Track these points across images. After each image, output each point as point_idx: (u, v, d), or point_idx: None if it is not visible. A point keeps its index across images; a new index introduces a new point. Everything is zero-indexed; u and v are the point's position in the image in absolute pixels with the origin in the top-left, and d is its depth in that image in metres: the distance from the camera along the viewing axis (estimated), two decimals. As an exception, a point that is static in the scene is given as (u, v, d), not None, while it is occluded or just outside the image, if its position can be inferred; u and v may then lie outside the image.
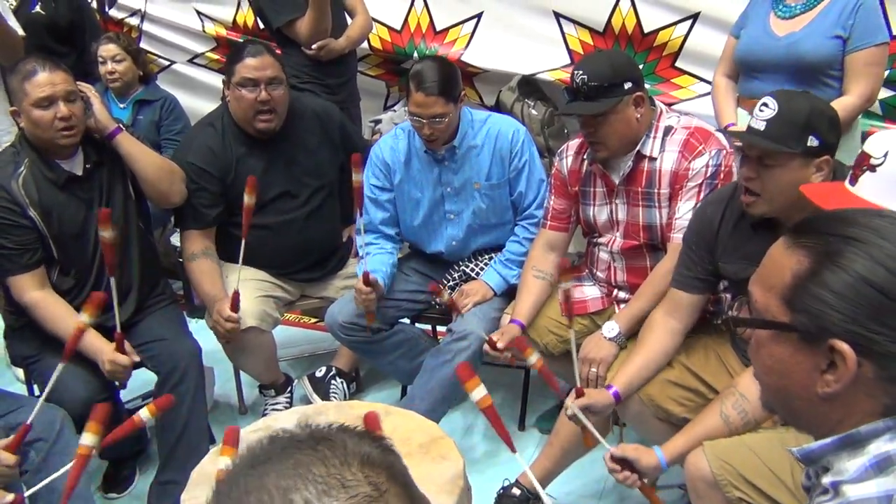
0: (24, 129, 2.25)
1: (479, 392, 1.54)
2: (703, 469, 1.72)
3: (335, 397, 2.87)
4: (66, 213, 2.28)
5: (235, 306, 2.43)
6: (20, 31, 2.93)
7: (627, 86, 2.08)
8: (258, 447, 0.71)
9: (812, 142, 1.70)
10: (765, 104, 1.74)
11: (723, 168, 2.10)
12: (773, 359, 0.97)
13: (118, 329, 2.16)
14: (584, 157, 2.30)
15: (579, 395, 1.99)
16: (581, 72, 2.08)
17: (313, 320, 3.57)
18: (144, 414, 1.72)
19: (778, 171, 1.73)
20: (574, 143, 2.35)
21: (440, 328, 3.03)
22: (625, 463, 1.82)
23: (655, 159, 2.16)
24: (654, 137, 2.16)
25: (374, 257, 2.62)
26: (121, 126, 2.37)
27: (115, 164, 2.39)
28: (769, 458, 1.68)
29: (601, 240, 2.33)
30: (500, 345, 2.29)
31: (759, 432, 1.78)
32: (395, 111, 3.80)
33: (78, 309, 2.26)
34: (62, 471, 1.71)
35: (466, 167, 2.57)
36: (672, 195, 2.15)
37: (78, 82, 2.30)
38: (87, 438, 1.61)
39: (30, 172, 2.24)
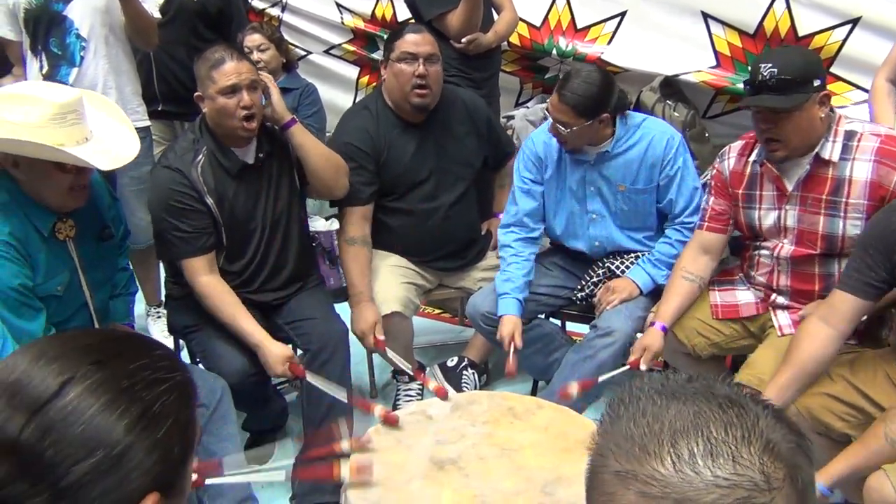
0: (207, 115, 2.34)
1: None
2: (888, 495, 1.64)
3: (467, 387, 2.89)
4: (237, 201, 2.38)
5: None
6: (157, 14, 3.01)
7: (817, 83, 2.01)
8: (674, 380, 0.70)
9: None
10: None
11: None
12: None
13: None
14: (750, 158, 2.24)
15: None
16: (770, 64, 2.00)
17: (437, 311, 3.62)
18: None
19: None
20: (737, 145, 2.30)
21: (573, 328, 3.00)
22: None
23: (839, 165, 2.07)
24: (835, 141, 2.07)
25: (511, 266, 2.58)
26: (295, 118, 2.44)
27: (283, 154, 2.47)
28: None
29: (765, 244, 2.27)
30: (643, 367, 2.29)
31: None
32: (527, 108, 3.80)
33: (237, 291, 2.40)
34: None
35: (613, 169, 2.54)
36: (870, 207, 2.04)
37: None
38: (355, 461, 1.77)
39: (207, 160, 2.33)
